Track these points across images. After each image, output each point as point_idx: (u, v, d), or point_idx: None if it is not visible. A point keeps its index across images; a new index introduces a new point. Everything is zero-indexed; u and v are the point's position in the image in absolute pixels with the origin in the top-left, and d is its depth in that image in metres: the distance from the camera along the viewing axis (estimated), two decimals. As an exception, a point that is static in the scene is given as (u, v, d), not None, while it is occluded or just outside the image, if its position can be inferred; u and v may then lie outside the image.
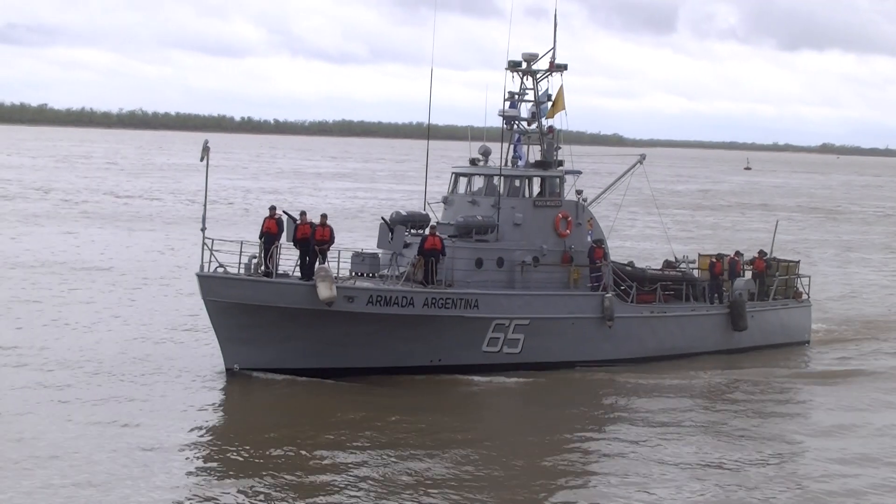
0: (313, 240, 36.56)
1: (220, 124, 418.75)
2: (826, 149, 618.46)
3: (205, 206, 36.20)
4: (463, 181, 41.83)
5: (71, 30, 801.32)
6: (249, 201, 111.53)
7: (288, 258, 37.55)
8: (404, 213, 41.32)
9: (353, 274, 39.42)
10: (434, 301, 37.56)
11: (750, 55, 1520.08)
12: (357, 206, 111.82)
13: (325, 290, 35.45)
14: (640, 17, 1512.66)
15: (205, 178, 36.24)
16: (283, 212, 38.17)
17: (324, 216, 37.64)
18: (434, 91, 41.29)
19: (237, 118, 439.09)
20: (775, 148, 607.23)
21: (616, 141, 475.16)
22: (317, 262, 36.50)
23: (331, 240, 36.99)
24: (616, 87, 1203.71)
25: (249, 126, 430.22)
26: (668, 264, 47.43)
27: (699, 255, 49.72)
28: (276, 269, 36.65)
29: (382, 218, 40.32)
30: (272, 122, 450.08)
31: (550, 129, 43.01)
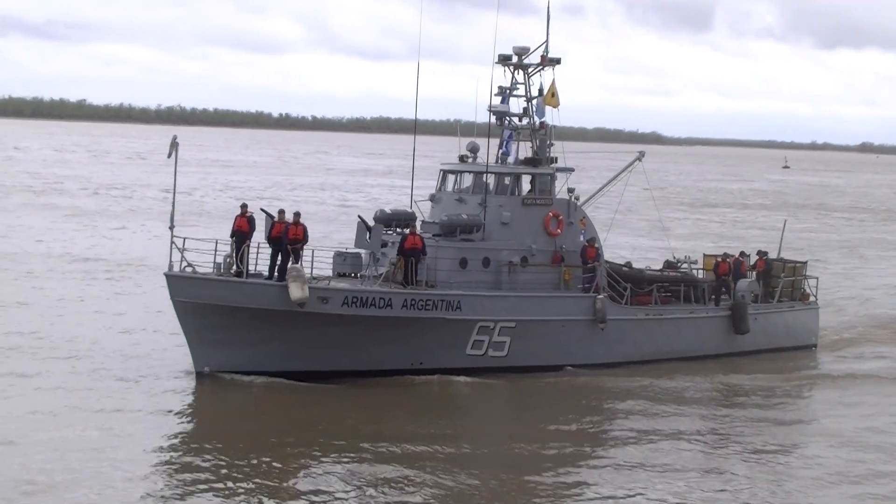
0: (286, 238, 35.37)
1: (258, 121, 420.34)
2: (865, 148, 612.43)
3: (173, 203, 35.01)
4: (451, 178, 40.61)
5: (110, 26, 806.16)
6: (306, 197, 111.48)
7: (263, 257, 36.43)
8: (389, 211, 40.12)
9: (336, 274, 38.36)
10: (414, 302, 36.30)
11: (787, 53, 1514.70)
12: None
13: (296, 291, 34.29)
14: (678, 15, 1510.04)
15: (174, 174, 35.11)
16: (261, 209, 37.05)
17: (296, 214, 36.42)
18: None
19: (275, 114, 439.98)
20: (813, 147, 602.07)
21: (654, 139, 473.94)
22: (289, 262, 35.29)
23: (304, 239, 35.76)
24: (654, 85, 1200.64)
25: (287, 122, 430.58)
26: (668, 265, 46.03)
27: (704, 255, 48.28)
28: (248, 269, 35.47)
29: (359, 216, 39.04)
30: (310, 118, 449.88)
31: (542, 124, 41.63)
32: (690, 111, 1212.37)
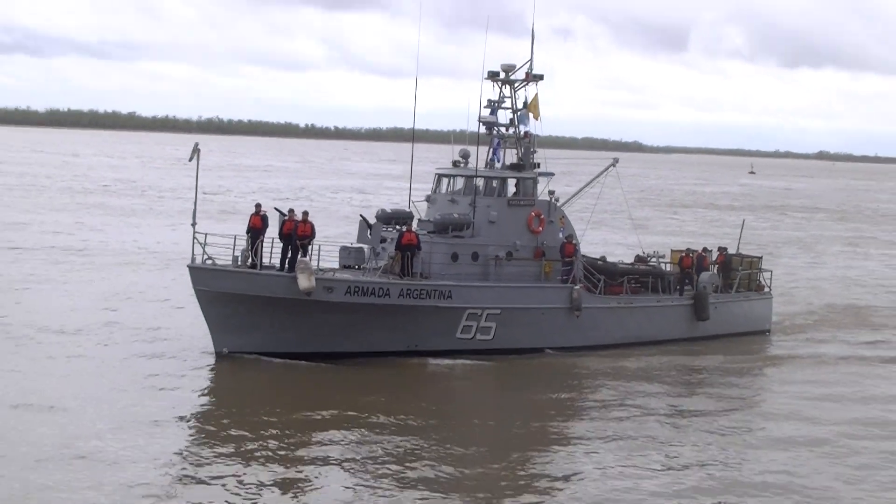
0: (295, 234, 34.83)
1: (287, 130, 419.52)
2: (822, 156, 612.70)
3: (195, 203, 34.57)
4: (445, 181, 40.06)
5: (156, 46, 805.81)
6: (328, 199, 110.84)
7: (276, 251, 35.86)
8: (389, 211, 39.61)
9: (342, 266, 37.90)
10: (409, 292, 35.74)
11: (754, 72, 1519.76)
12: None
13: (304, 281, 33.77)
14: (657, 37, 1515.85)
15: (195, 177, 34.67)
16: (275, 208, 36.58)
17: (305, 213, 35.91)
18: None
19: (301, 125, 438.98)
20: (777, 155, 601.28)
21: (636, 147, 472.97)
22: (298, 255, 34.73)
23: (311, 235, 35.20)
24: (636, 99, 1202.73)
25: (312, 132, 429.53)
26: (639, 259, 45.49)
27: (671, 250, 47.69)
28: (261, 261, 34.92)
29: (361, 215, 38.62)
30: (332, 128, 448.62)
31: (526, 134, 41.05)
32: (668, 123, 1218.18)
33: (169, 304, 44.05)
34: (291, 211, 35.76)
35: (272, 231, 35.54)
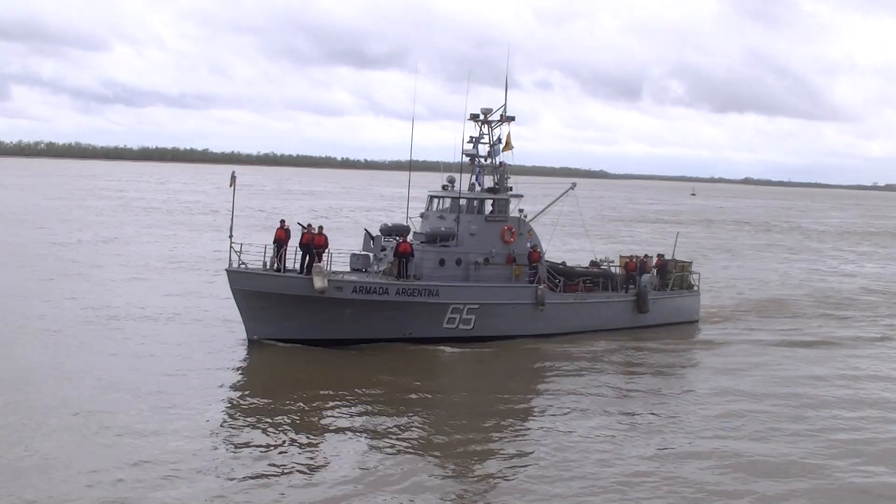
0: (312, 244, 34.20)
1: (327, 163, 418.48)
2: (748, 181, 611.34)
3: (231, 219, 34.02)
4: (435, 201, 39.38)
5: (224, 97, 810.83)
6: (360, 215, 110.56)
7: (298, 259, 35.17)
8: (390, 225, 38.91)
9: (351, 269, 37.27)
10: (404, 291, 35.07)
11: (692, 115, 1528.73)
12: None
13: (318, 282, 33.15)
14: (616, 89, 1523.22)
15: (232, 199, 34.07)
16: (297, 223, 35.96)
17: (320, 227, 35.26)
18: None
19: (338, 158, 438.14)
20: (711, 180, 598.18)
21: (602, 175, 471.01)
22: (315, 262, 34.09)
23: (325, 245, 34.56)
24: (601, 136, 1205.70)
25: (347, 164, 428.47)
26: (592, 263, 44.67)
27: (620, 256, 46.87)
28: (285, 266, 34.28)
29: (365, 229, 37.98)
30: (363, 161, 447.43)
31: (501, 163, 40.35)
32: (627, 155, 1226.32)
33: (206, 300, 43.43)
34: (310, 225, 35.15)
35: (294, 241, 34.86)
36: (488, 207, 39.19)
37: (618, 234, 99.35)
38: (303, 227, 35.22)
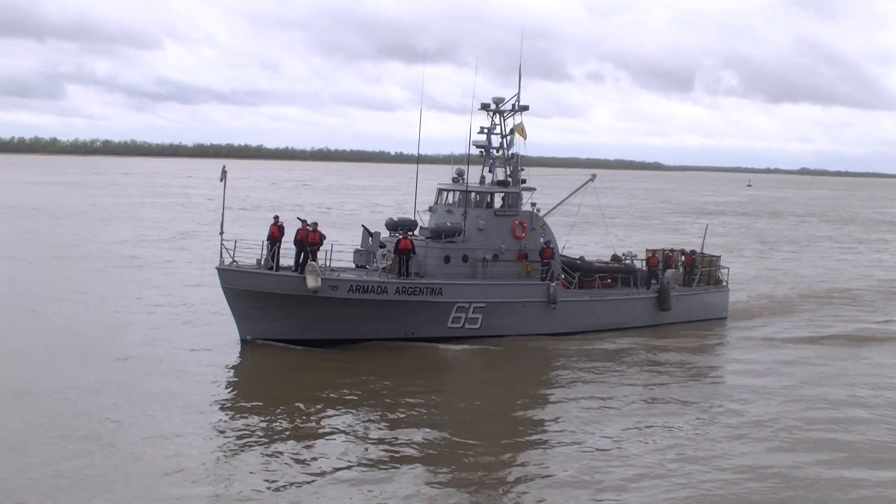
0: (306, 242, 32.68)
1: (380, 157, 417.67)
2: (804, 172, 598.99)
3: (222, 215, 32.59)
4: (444, 195, 37.62)
5: (276, 93, 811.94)
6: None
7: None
8: (396, 219, 37.28)
9: (355, 266, 35.64)
10: (404, 289, 33.41)
11: (746, 106, 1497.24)
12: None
13: (311, 281, 31.64)
14: (668, 79, 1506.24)
15: (223, 195, 32.66)
16: (297, 217, 34.44)
17: (315, 223, 33.69)
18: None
19: (392, 153, 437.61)
20: (767, 171, 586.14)
21: (657, 167, 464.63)
22: (309, 260, 32.58)
23: (320, 242, 33.02)
24: (654, 128, 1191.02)
25: (399, 158, 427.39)
26: (614, 258, 42.61)
27: (647, 250, 44.66)
28: (278, 264, 32.81)
29: (363, 225, 36.36)
30: (415, 154, 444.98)
31: (513, 155, 38.47)
32: (681, 146, 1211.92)
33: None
34: (304, 221, 33.62)
35: (289, 236, 33.40)
36: (499, 201, 37.30)
37: (679, 227, 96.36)
38: (303, 221, 33.67)
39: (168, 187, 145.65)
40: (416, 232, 36.22)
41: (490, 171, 38.40)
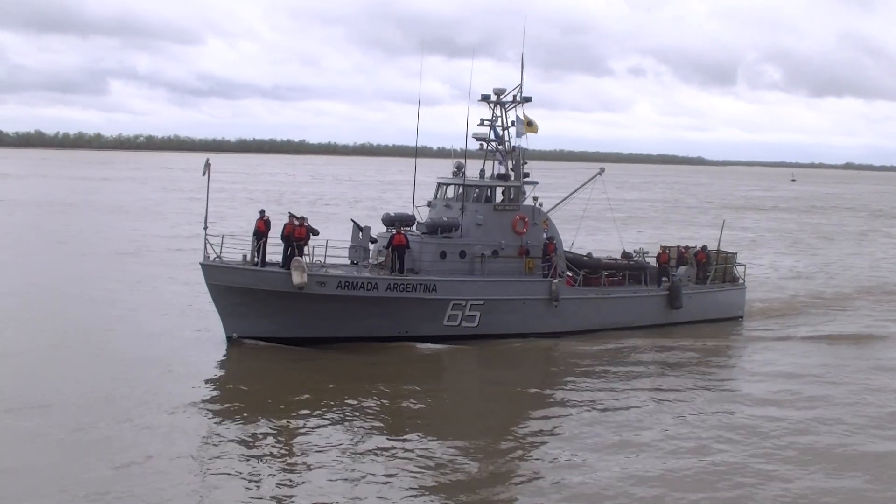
0: (292, 237, 31.53)
1: (422, 152, 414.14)
2: (849, 166, 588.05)
3: (206, 209, 31.42)
4: (443, 189, 36.30)
5: (318, 88, 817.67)
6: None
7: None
8: (392, 214, 36.02)
9: (351, 262, 34.39)
10: (396, 286, 32.15)
11: (790, 100, 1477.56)
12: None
13: (297, 277, 30.51)
14: (710, 73, 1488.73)
15: (206, 189, 31.55)
16: (289, 213, 33.27)
17: (302, 218, 32.47)
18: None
19: (434, 147, 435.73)
20: (811, 166, 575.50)
21: (699, 162, 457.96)
22: (295, 255, 31.42)
23: (307, 237, 31.84)
24: (696, 123, 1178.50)
25: (442, 153, 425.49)
26: (625, 255, 40.99)
27: (661, 246, 42.95)
28: (264, 260, 31.70)
29: (352, 220, 35.10)
30: (459, 149, 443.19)
31: (514, 148, 37.02)
32: (723, 141, 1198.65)
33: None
34: (292, 216, 32.46)
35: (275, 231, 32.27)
36: (499, 195, 35.89)
37: (732, 223, 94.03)
38: (295, 217, 32.55)
39: (228, 183, 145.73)
40: (414, 228, 34.95)
41: (500, 164, 37.05)
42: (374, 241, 33.98)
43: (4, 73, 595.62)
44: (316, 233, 32.57)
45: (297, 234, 31.47)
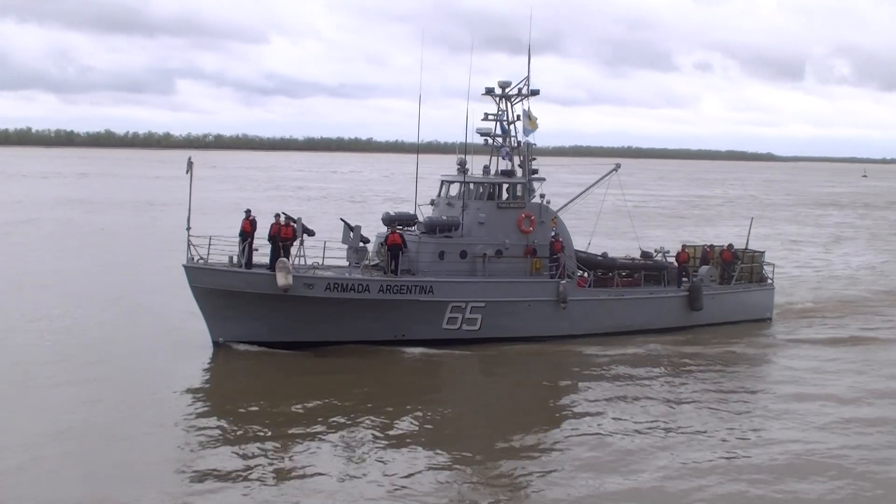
0: (278, 237, 30.13)
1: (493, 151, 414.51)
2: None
3: (189, 209, 30.23)
4: (446, 186, 34.62)
5: (383, 87, 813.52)
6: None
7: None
8: (393, 213, 34.42)
9: (349, 263, 32.85)
10: (389, 287, 30.55)
11: (858, 95, 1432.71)
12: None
13: (282, 279, 29.09)
14: (778, 68, 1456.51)
15: (189, 188, 30.32)
16: (282, 212, 31.82)
17: (289, 218, 31.03)
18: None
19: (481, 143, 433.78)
20: (883, 161, 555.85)
21: (769, 158, 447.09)
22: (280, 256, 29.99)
23: (293, 238, 30.40)
24: (764, 118, 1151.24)
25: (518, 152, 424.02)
26: (644, 254, 38.76)
27: (683, 245, 40.56)
28: (250, 262, 30.32)
29: (342, 219, 33.50)
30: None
31: (519, 143, 35.12)
32: (792, 137, 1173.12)
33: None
34: (278, 215, 31.05)
35: (262, 233, 30.88)
36: (504, 193, 34.03)
37: (806, 219, 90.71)
38: (289, 217, 31.18)
39: (300, 181, 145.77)
40: (415, 227, 33.33)
41: (507, 160, 35.21)
42: (365, 240, 32.42)
43: (75, 73, 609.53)
44: (312, 233, 31.18)
45: (284, 234, 30.10)
